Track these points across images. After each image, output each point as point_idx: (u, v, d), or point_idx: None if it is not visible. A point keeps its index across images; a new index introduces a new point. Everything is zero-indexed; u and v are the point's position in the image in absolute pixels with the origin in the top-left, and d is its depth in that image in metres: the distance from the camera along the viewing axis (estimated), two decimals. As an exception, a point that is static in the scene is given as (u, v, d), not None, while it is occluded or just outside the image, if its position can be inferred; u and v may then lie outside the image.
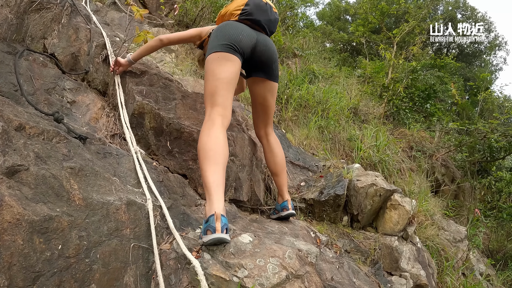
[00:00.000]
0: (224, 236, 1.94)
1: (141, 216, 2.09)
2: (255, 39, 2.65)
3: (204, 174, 2.14)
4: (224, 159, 2.21)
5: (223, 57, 2.48)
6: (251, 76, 2.88)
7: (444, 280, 3.98)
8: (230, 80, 2.47)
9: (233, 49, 2.50)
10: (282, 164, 2.99)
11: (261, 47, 2.69)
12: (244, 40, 2.55)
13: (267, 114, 2.99)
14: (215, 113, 2.37)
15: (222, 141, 2.26)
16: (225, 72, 2.46)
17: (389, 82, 8.86)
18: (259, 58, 2.73)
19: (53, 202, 1.77)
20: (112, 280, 1.80)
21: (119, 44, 3.50)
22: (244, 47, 2.56)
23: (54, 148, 2.06)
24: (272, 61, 2.80)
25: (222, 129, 2.32)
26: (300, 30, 11.39)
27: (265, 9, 2.78)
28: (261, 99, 2.92)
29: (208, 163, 2.15)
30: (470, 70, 21.53)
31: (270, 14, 2.81)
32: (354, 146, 5.19)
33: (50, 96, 2.74)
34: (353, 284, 2.61)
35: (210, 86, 2.45)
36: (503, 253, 7.03)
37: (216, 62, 2.48)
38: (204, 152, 2.19)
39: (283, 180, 2.97)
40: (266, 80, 2.85)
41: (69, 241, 1.70)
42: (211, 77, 2.47)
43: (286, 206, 2.90)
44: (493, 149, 7.79)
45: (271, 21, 2.83)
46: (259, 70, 2.82)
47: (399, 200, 3.54)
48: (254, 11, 2.73)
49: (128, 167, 2.43)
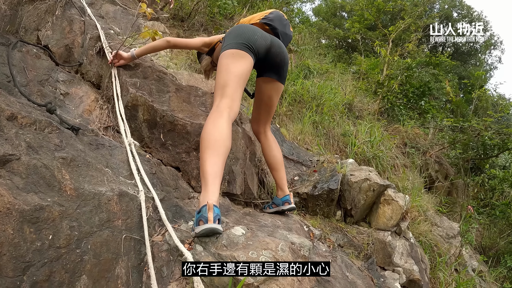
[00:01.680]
0: (216, 226, 1.93)
1: (133, 208, 2.08)
2: (270, 41, 2.74)
3: (203, 163, 2.13)
4: (226, 151, 2.22)
5: (238, 54, 2.54)
6: (262, 76, 2.95)
7: (437, 276, 4.00)
8: (241, 76, 2.52)
9: (248, 48, 2.57)
10: (281, 159, 3.05)
11: (276, 49, 2.78)
12: (259, 40, 2.64)
13: (269, 113, 3.08)
14: (223, 104, 2.39)
15: (226, 133, 2.27)
16: (238, 68, 2.51)
17: (384, 78, 8.86)
18: (273, 59, 2.81)
19: (44, 192, 1.76)
20: (103, 271, 1.79)
21: (113, 37, 3.48)
22: (259, 48, 2.64)
23: (46, 138, 2.04)
24: (284, 63, 2.89)
25: (229, 121, 2.34)
26: (295, 26, 11.37)
27: (284, 23, 3.01)
28: (267, 98, 3.00)
29: (210, 153, 2.15)
30: (465, 68, 21.59)
31: (287, 29, 3.03)
32: (348, 142, 5.21)
33: (43, 88, 2.73)
34: (346, 278, 2.61)
35: (222, 79, 2.50)
36: (495, 250, 7.07)
37: (230, 57, 2.54)
38: (208, 141, 2.19)
39: (283, 174, 3.01)
40: (275, 81, 2.94)
41: (60, 231, 1.69)
42: (224, 71, 2.51)
43: (288, 200, 2.92)
44: (487, 147, 7.81)
45: (286, 35, 3.02)
46: (270, 71, 2.89)
47: (392, 195, 3.54)
48: (275, 19, 2.95)
49: (121, 159, 2.42)
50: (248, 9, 7.85)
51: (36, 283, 1.54)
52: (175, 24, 6.30)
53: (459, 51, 22.81)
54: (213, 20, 6.82)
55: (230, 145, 2.29)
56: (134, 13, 5.35)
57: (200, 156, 2.20)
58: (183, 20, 6.51)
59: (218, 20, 6.87)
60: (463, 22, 21.32)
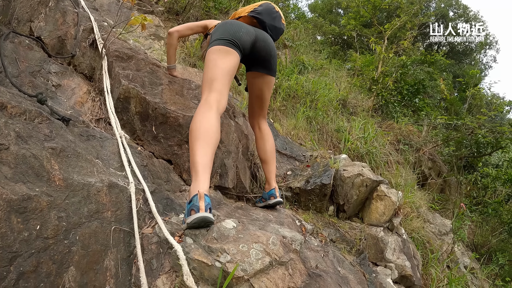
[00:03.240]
0: (208, 215, 1.92)
1: (123, 199, 2.06)
2: (254, 35, 2.77)
3: (193, 154, 2.14)
4: (215, 142, 2.24)
5: (224, 50, 2.59)
6: (251, 70, 3.00)
7: (429, 272, 4.01)
8: (228, 70, 2.56)
9: (233, 44, 2.62)
10: (272, 152, 3.06)
11: (260, 43, 2.81)
12: (244, 36, 2.68)
13: (262, 106, 3.11)
14: (212, 98, 2.43)
15: (215, 125, 2.29)
16: (225, 63, 2.56)
17: (379, 75, 8.87)
18: (259, 53, 2.85)
19: (32, 182, 1.73)
20: (91, 263, 1.77)
21: (107, 29, 3.45)
22: (244, 43, 2.68)
23: (35, 128, 2.01)
24: (271, 56, 2.92)
25: (217, 114, 2.36)
26: (291, 21, 11.33)
27: (274, 16, 3.02)
28: (258, 91, 3.04)
29: (199, 144, 2.16)
30: (460, 67, 21.65)
31: (276, 22, 3.03)
32: (342, 138, 5.21)
33: (35, 79, 2.69)
34: (338, 272, 2.61)
35: (210, 73, 2.54)
36: (487, 247, 7.11)
37: (217, 53, 2.59)
38: (197, 132, 2.20)
39: (272, 168, 3.03)
40: (264, 75, 2.98)
41: (47, 222, 1.66)
42: (212, 66, 2.56)
43: (273, 194, 2.92)
44: (480, 145, 7.84)
45: (275, 28, 3.03)
46: (258, 65, 2.94)
47: (385, 191, 3.54)
48: (263, 12, 2.98)
49: (112, 151, 2.39)
50: (244, 4, 7.81)
51: (23, 273, 1.52)
52: (169, 18, 6.26)
53: (454, 50, 22.85)
54: (208, 14, 6.78)
55: (219, 138, 2.30)
56: (129, 5, 5.32)
57: (190, 147, 2.21)
58: (178, 14, 6.47)
59: (213, 14, 6.83)
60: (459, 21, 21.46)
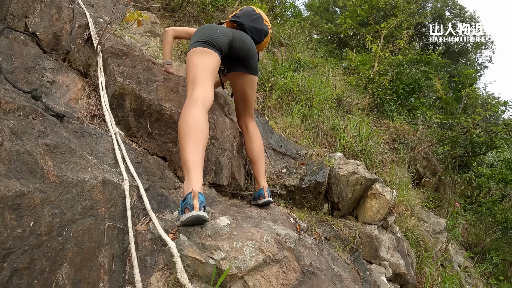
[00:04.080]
0: (202, 213, 1.92)
1: (117, 196, 2.05)
2: (231, 36, 2.84)
3: (183, 152, 2.14)
4: (204, 138, 2.24)
5: (202, 51, 2.66)
6: (232, 71, 3.04)
7: (423, 270, 4.02)
8: (209, 68, 2.62)
9: (210, 44, 2.69)
10: (259, 151, 3.10)
11: (237, 43, 2.87)
12: (220, 37, 2.76)
13: (246, 105, 3.16)
14: (196, 93, 2.44)
15: (203, 120, 2.29)
16: (204, 61, 2.62)
17: (375, 74, 8.87)
18: (237, 53, 2.90)
19: (26, 178, 1.73)
20: (85, 260, 1.76)
21: (102, 25, 3.44)
22: (221, 44, 2.74)
23: (30, 125, 2.01)
24: (250, 55, 2.95)
25: (203, 109, 2.36)
26: (287, 19, 11.32)
27: (254, 18, 3.11)
28: (241, 91, 3.09)
29: (189, 142, 2.16)
30: (456, 67, 21.67)
31: (257, 23, 3.10)
32: (337, 136, 5.21)
33: (29, 75, 2.68)
34: (332, 270, 2.61)
35: (191, 73, 2.59)
36: (481, 246, 7.15)
37: (195, 54, 2.66)
38: (185, 130, 2.21)
39: (259, 167, 3.05)
40: (245, 74, 3.02)
41: (41, 218, 1.66)
42: (191, 66, 2.62)
43: (262, 194, 2.94)
44: (475, 144, 7.86)
45: (256, 29, 3.09)
46: (238, 65, 2.98)
47: (380, 189, 3.55)
48: (242, 15, 3.09)
49: (106, 147, 2.39)
50: (240, 1, 7.80)
51: (17, 270, 1.51)
52: (165, 15, 6.23)
53: (450, 50, 22.88)
54: (204, 11, 6.76)
55: (208, 133, 2.31)
56: (125, 2, 5.30)
57: (180, 145, 2.21)
58: (174, 11, 6.44)
59: (210, 11, 6.80)
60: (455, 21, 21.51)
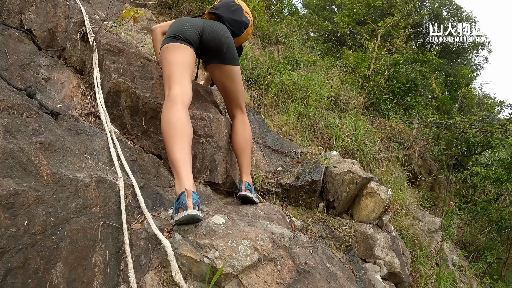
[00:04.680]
0: (196, 212, 1.92)
1: (111, 194, 2.05)
2: (201, 28, 2.78)
3: (170, 151, 2.16)
4: (188, 135, 2.25)
5: (172, 47, 2.63)
6: (209, 64, 3.00)
7: (418, 269, 4.04)
8: (183, 63, 2.58)
9: (179, 38, 2.65)
10: (243, 144, 3.02)
11: (207, 34, 2.79)
12: (188, 30, 2.70)
13: (229, 98, 3.08)
14: (173, 92, 2.43)
15: (184, 118, 2.29)
16: (177, 57, 2.59)
17: (371, 73, 8.88)
18: (209, 44, 2.82)
19: (20, 177, 1.72)
20: (80, 258, 1.76)
21: (98, 22, 3.42)
22: (191, 37, 2.69)
23: (24, 123, 2.00)
24: (222, 45, 2.85)
25: (183, 107, 2.36)
26: (284, 17, 11.31)
27: (232, 9, 3.01)
28: (221, 84, 3.03)
29: (173, 141, 2.18)
30: (452, 67, 21.71)
31: (236, 15, 3.01)
32: (333, 134, 5.21)
33: (24, 72, 2.67)
34: (327, 269, 2.62)
35: (166, 71, 2.57)
36: (476, 245, 7.19)
37: (167, 51, 2.63)
38: (168, 130, 2.22)
39: (242, 161, 2.99)
40: (221, 65, 2.94)
41: (35, 217, 1.66)
42: (165, 63, 2.60)
43: (239, 188, 2.89)
44: (470, 144, 7.88)
45: (235, 21, 3.01)
46: (212, 57, 2.92)
47: (375, 188, 3.55)
48: (220, 7, 3.00)
49: (101, 145, 2.38)
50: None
51: (11, 269, 1.51)
52: (162, 12, 6.22)
53: (446, 49, 22.90)
54: (201, 8, 6.74)
55: (191, 129, 2.31)
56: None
57: (166, 146, 2.22)
58: (171, 8, 6.43)
59: (206, 8, 6.79)
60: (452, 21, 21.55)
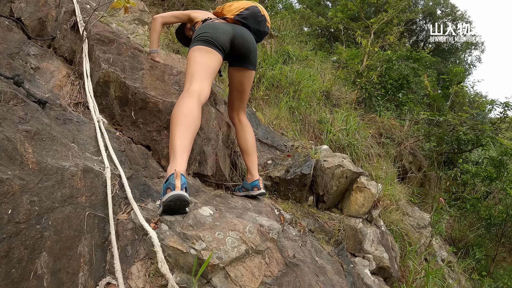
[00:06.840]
0: (184, 193, 1.91)
1: (98, 184, 2.02)
2: (232, 34, 2.86)
3: (172, 137, 2.20)
4: (194, 128, 2.31)
5: (204, 49, 2.71)
6: (233, 66, 3.10)
7: (407, 264, 4.06)
8: (209, 66, 2.67)
9: (211, 43, 2.73)
10: (253, 143, 3.13)
11: (239, 40, 2.90)
12: (221, 37, 2.78)
13: (241, 99, 3.19)
14: (193, 87, 2.51)
15: (196, 112, 2.36)
16: (206, 60, 2.67)
17: (364, 69, 8.89)
18: (239, 50, 2.94)
19: (5, 165, 1.69)
20: (64, 248, 1.73)
21: (89, 12, 3.38)
22: (223, 43, 2.78)
23: (10, 111, 1.96)
24: (250, 51, 3.00)
25: (198, 102, 2.43)
26: (278, 12, 11.27)
27: (259, 20, 3.10)
28: (239, 85, 3.13)
29: (179, 128, 2.23)
30: (445, 65, 21.78)
31: (261, 26, 3.12)
32: (324, 129, 5.22)
33: (13, 61, 2.63)
34: (315, 262, 2.61)
35: (191, 69, 2.63)
36: (464, 242, 7.25)
37: (197, 51, 2.71)
38: (177, 118, 2.28)
39: (254, 159, 3.07)
40: (245, 69, 3.07)
41: (19, 206, 1.63)
42: (192, 62, 2.66)
43: (257, 185, 2.95)
44: (461, 142, 7.92)
45: (260, 32, 3.14)
46: (239, 60, 3.03)
47: (365, 183, 3.56)
48: (249, 17, 3.05)
49: (89, 135, 2.35)
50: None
51: (-6, 258, 1.49)
52: (155, 3, 6.17)
53: (440, 48, 22.97)
54: (194, 0, 6.70)
55: (199, 124, 2.37)
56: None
57: (170, 132, 2.25)
58: (170, 0, 6.39)
59: (199, 1, 6.75)
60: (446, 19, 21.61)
